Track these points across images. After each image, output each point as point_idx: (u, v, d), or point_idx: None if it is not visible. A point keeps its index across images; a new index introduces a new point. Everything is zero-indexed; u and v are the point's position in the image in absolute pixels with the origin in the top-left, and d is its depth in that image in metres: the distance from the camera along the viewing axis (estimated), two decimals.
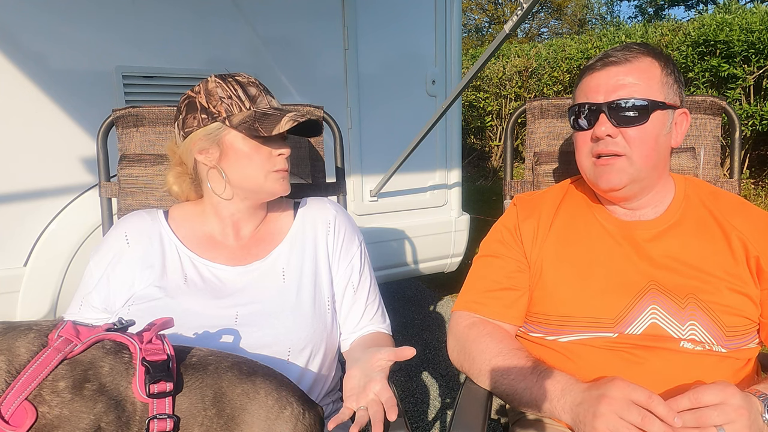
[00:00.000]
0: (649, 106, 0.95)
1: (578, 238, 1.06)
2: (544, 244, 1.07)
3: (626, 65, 0.98)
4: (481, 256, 1.16)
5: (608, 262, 1.01)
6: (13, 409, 0.69)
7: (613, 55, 0.99)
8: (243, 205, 1.09)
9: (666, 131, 0.99)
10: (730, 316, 0.92)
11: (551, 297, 1.02)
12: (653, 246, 1.00)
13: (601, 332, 0.96)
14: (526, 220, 1.11)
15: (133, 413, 0.76)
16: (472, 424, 0.91)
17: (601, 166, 1.00)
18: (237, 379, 0.83)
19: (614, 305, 0.97)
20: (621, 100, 0.96)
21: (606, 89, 0.98)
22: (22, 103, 1.76)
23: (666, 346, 0.92)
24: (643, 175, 0.98)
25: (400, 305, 3.34)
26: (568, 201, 1.13)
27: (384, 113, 2.44)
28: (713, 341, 0.91)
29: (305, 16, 2.19)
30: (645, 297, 0.96)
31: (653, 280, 0.97)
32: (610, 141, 0.97)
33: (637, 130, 0.96)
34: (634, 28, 6.39)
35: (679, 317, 0.93)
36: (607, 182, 0.99)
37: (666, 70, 0.99)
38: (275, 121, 0.99)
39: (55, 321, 0.81)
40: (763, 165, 5.32)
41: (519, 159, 6.65)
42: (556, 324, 1.01)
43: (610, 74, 0.98)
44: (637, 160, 0.97)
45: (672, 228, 1.01)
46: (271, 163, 1.04)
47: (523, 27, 20.96)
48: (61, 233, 1.86)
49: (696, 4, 17.54)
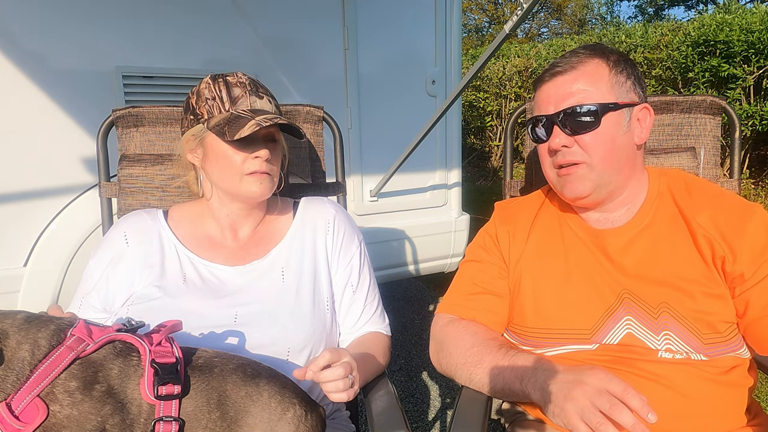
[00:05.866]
0: (599, 109, 0.94)
1: (554, 249, 1.05)
2: (521, 255, 1.07)
3: (572, 72, 0.97)
4: (465, 261, 1.18)
5: (583, 273, 1.00)
6: (24, 405, 0.69)
7: (559, 64, 0.99)
8: (235, 206, 1.09)
9: (623, 131, 0.97)
10: (706, 322, 0.90)
11: (530, 310, 1.03)
12: (625, 255, 0.99)
13: (580, 344, 0.96)
14: (502, 226, 1.13)
15: (138, 415, 0.76)
16: (473, 424, 0.91)
17: (563, 176, 1.00)
18: (241, 381, 0.83)
19: (590, 316, 0.96)
20: (570, 108, 0.96)
21: (555, 100, 0.98)
22: (22, 103, 1.76)
23: (646, 358, 0.91)
24: (606, 179, 0.97)
25: (400, 305, 3.34)
26: (544, 211, 1.13)
27: (384, 113, 2.44)
28: (690, 350, 0.90)
29: (305, 16, 2.19)
30: (619, 308, 0.95)
31: (626, 289, 0.96)
32: (567, 151, 0.98)
33: (591, 136, 0.95)
34: (634, 28, 6.39)
35: (653, 328, 0.92)
36: (571, 191, 1.00)
37: (616, 69, 0.97)
38: (242, 124, 0.98)
39: (71, 318, 0.81)
40: (763, 165, 5.32)
41: (519, 159, 6.66)
42: (537, 337, 1.01)
43: (557, 84, 0.98)
44: (597, 165, 0.96)
45: (643, 232, 1.00)
46: (247, 166, 1.02)
47: (523, 27, 20.96)
48: (61, 233, 1.86)
49: (696, 4, 17.54)
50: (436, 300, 3.42)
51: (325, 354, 0.85)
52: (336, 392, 0.86)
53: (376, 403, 0.99)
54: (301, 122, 1.41)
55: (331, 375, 0.85)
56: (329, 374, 0.85)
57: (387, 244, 2.54)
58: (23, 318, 0.76)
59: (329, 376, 0.85)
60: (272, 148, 1.05)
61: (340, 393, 0.86)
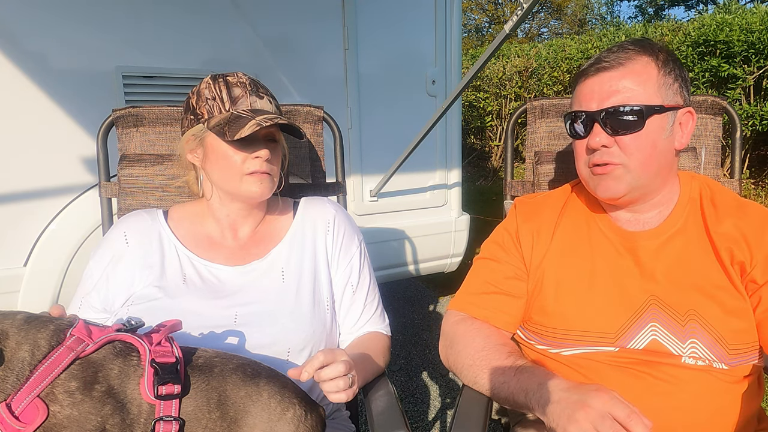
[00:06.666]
0: (644, 111, 0.91)
1: (580, 249, 1.03)
2: (545, 255, 1.05)
3: (619, 69, 0.93)
4: (480, 257, 1.15)
5: (610, 275, 0.98)
6: (24, 406, 0.69)
7: (606, 59, 0.95)
8: (235, 206, 1.09)
9: (666, 135, 0.94)
10: (733, 332, 0.89)
11: (552, 309, 1.01)
12: (654, 260, 0.97)
13: (602, 346, 0.94)
14: (525, 224, 1.09)
15: (138, 415, 0.76)
16: (473, 424, 0.91)
17: (598, 175, 0.97)
18: (241, 381, 0.83)
19: (615, 320, 0.95)
20: (614, 107, 0.92)
21: (600, 96, 0.94)
22: (22, 103, 1.76)
23: (668, 362, 0.90)
24: (642, 182, 0.95)
25: (400, 305, 3.34)
26: (570, 208, 1.10)
27: (384, 113, 2.44)
28: (714, 358, 0.89)
29: (305, 16, 2.19)
30: (645, 313, 0.93)
31: (654, 295, 0.94)
32: (605, 151, 0.94)
33: (633, 138, 0.92)
34: (634, 28, 6.39)
35: (680, 335, 0.90)
36: (605, 191, 0.97)
37: (665, 69, 0.94)
38: (243, 124, 0.98)
39: (70, 318, 0.81)
40: (763, 165, 5.32)
41: (519, 159, 6.66)
42: (556, 337, 0.99)
43: (603, 80, 0.94)
44: (635, 168, 0.93)
45: (675, 236, 0.98)
46: (247, 166, 1.02)
47: (523, 27, 20.96)
48: (61, 233, 1.86)
49: (696, 4, 17.56)
50: (436, 300, 3.42)
51: (318, 356, 0.85)
52: (336, 392, 0.86)
53: (376, 403, 0.99)
54: (301, 122, 1.41)
55: (331, 373, 0.85)
56: (329, 372, 0.85)
57: (387, 244, 2.54)
58: (23, 318, 0.76)
59: (329, 374, 0.84)
60: (272, 148, 1.05)
61: (339, 393, 0.86)
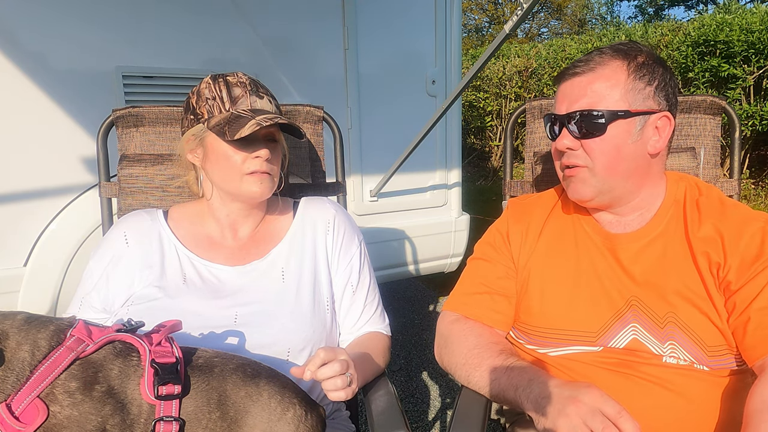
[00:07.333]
0: (606, 116, 0.92)
1: (566, 250, 1.05)
2: (532, 254, 1.07)
3: (589, 74, 0.95)
4: (473, 258, 1.16)
5: (594, 276, 1.00)
6: (24, 406, 0.69)
7: (579, 63, 0.97)
8: (235, 206, 1.09)
9: (633, 139, 0.93)
10: (712, 335, 0.90)
11: (537, 309, 1.02)
12: (635, 262, 0.98)
13: (585, 346, 0.96)
14: (516, 224, 1.12)
15: (138, 415, 0.76)
16: (472, 424, 0.91)
17: (568, 177, 1.00)
18: (241, 381, 0.83)
19: (597, 319, 0.96)
20: (578, 111, 0.94)
21: (569, 100, 0.97)
22: (22, 103, 1.76)
23: (650, 362, 0.91)
24: (609, 185, 0.96)
25: (400, 305, 3.34)
26: (559, 210, 1.12)
27: (384, 113, 2.44)
28: (694, 360, 0.89)
29: (305, 16, 2.19)
30: (627, 314, 0.95)
31: (635, 296, 0.95)
32: (572, 154, 0.97)
33: (596, 142, 0.94)
34: (634, 28, 6.39)
35: (659, 337, 0.91)
36: (573, 193, 1.00)
37: (636, 74, 0.93)
38: (243, 124, 0.98)
39: (70, 319, 0.81)
40: (763, 165, 5.32)
41: (519, 159, 6.66)
42: (541, 336, 1.01)
43: (573, 84, 0.97)
44: (599, 171, 0.95)
45: (656, 240, 0.98)
46: (247, 165, 1.02)
47: (523, 27, 20.96)
48: (61, 233, 1.86)
49: (696, 4, 17.56)
50: (436, 300, 3.42)
51: (319, 353, 0.86)
52: (334, 390, 0.86)
53: (376, 403, 0.99)
54: (301, 122, 1.41)
55: (328, 371, 0.85)
56: (327, 370, 0.85)
57: (387, 244, 2.54)
58: (23, 319, 0.76)
59: (327, 372, 0.85)
60: (272, 148, 1.05)
61: (338, 391, 0.86)
